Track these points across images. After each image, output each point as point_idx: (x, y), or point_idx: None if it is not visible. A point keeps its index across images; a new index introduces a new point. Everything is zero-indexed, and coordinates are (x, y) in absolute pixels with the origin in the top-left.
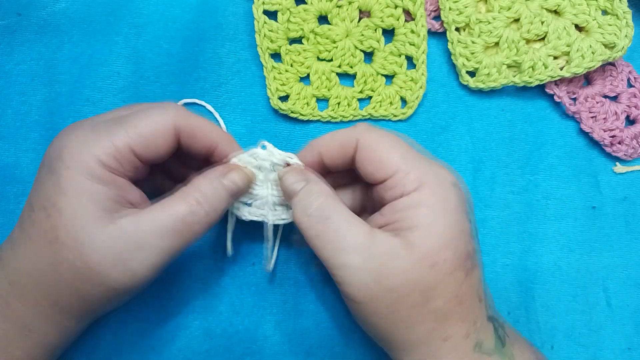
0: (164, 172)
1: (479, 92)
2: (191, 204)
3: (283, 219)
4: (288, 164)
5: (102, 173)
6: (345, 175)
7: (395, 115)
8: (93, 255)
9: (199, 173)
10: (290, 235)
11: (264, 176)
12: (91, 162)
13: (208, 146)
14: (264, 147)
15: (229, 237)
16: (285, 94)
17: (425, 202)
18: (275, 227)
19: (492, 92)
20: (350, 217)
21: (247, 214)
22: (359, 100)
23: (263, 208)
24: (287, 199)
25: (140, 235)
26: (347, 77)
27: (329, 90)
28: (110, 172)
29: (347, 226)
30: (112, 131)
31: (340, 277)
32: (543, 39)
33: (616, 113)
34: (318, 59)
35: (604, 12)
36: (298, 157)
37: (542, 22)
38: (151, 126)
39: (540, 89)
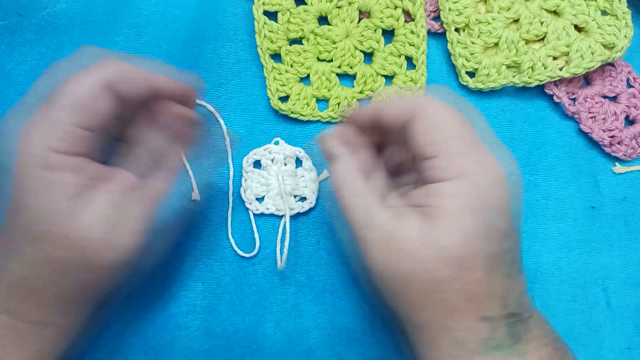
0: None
1: (479, 92)
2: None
3: (293, 210)
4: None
5: (57, 159)
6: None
7: None
8: (74, 244)
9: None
10: (297, 232)
11: (277, 168)
12: (42, 153)
13: (148, 93)
14: (276, 142)
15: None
16: (285, 95)
17: (461, 194)
18: (284, 224)
19: (491, 93)
20: (381, 195)
21: (259, 207)
22: (359, 100)
23: (274, 199)
24: (325, 159)
25: (112, 209)
26: (347, 78)
27: (329, 90)
28: (65, 155)
29: (377, 204)
30: (50, 115)
31: (364, 249)
32: (542, 39)
33: (615, 113)
34: (318, 59)
35: (604, 13)
36: (357, 113)
37: (542, 23)
38: (86, 93)
39: (540, 89)
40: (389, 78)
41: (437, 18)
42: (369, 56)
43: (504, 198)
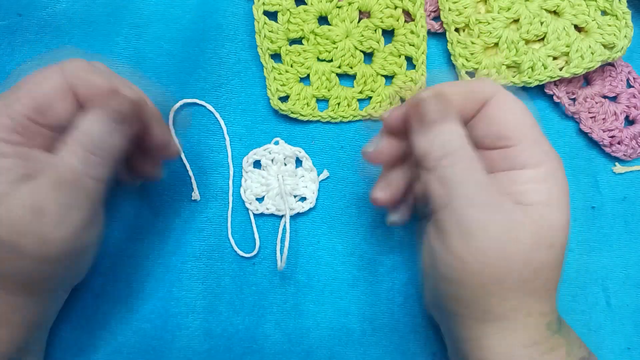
0: None
1: None
2: (75, 151)
3: (293, 210)
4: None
5: (5, 148)
6: None
7: None
8: (3, 229)
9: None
10: (297, 232)
11: (277, 168)
12: None
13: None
14: (276, 142)
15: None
16: (285, 95)
17: (549, 179)
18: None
19: None
20: (485, 172)
21: (259, 207)
22: (359, 100)
23: (274, 199)
24: (415, 121)
25: (37, 199)
26: (347, 78)
27: (329, 90)
28: (15, 145)
29: (483, 180)
30: (4, 104)
31: (465, 231)
32: (542, 39)
33: (615, 113)
34: (318, 59)
35: (604, 13)
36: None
37: (542, 23)
38: (44, 91)
39: (540, 89)
40: (389, 78)
41: (437, 18)
42: (369, 56)
43: (567, 185)
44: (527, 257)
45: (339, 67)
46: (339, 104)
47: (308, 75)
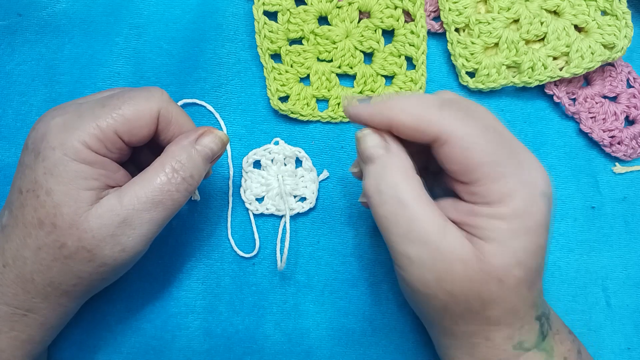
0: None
1: (479, 92)
2: (167, 173)
3: (293, 210)
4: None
5: (88, 154)
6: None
7: None
8: (83, 234)
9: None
10: (297, 232)
11: (277, 168)
12: (76, 144)
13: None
14: (276, 142)
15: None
16: (285, 95)
17: (509, 217)
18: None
19: (491, 93)
20: (427, 205)
21: (259, 207)
22: (359, 100)
23: (274, 199)
24: (361, 162)
25: (124, 211)
26: (347, 78)
27: (328, 90)
28: (96, 153)
29: (421, 216)
30: (97, 114)
31: (401, 264)
32: (542, 39)
33: (615, 113)
34: (318, 59)
35: (604, 13)
36: (365, 112)
37: (542, 23)
38: (137, 111)
39: (540, 89)
40: (389, 78)
41: (437, 18)
42: (369, 56)
43: (547, 213)
44: (470, 289)
45: (339, 67)
46: (339, 104)
47: (308, 75)
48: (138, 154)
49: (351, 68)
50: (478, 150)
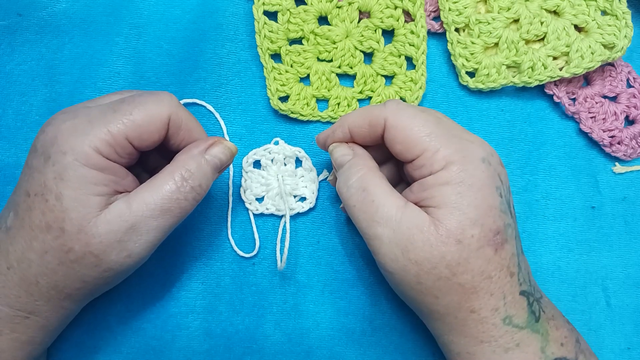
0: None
1: (479, 92)
2: (177, 181)
3: (293, 210)
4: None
5: (98, 159)
6: (384, 150)
7: None
8: (91, 240)
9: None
10: (297, 232)
11: (277, 168)
12: (87, 149)
13: (187, 142)
14: (276, 142)
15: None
16: (285, 95)
17: (452, 180)
18: (284, 225)
19: (491, 93)
20: (387, 190)
21: (259, 207)
22: (359, 100)
23: (274, 199)
24: (335, 170)
25: (133, 217)
26: (347, 78)
27: (328, 90)
28: (106, 158)
29: (382, 199)
30: (108, 119)
31: (373, 247)
32: (542, 39)
33: (615, 113)
34: (318, 59)
35: (604, 13)
36: (330, 131)
37: (542, 23)
38: (148, 116)
39: (540, 89)
40: (389, 78)
41: (437, 18)
42: (369, 56)
43: (492, 177)
44: (431, 254)
45: (339, 67)
46: (339, 104)
47: (308, 75)
48: (146, 157)
49: (351, 68)
50: (416, 129)
